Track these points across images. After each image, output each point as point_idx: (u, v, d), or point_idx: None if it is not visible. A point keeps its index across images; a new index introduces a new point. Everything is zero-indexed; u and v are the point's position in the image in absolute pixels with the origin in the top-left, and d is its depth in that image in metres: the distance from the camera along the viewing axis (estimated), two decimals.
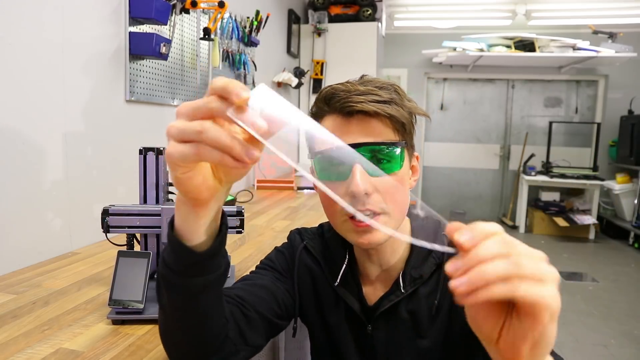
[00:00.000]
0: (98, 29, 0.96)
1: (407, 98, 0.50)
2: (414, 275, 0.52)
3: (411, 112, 0.50)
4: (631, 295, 2.48)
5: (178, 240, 0.35)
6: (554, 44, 3.46)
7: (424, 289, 0.52)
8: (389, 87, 0.49)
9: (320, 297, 0.58)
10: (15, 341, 0.52)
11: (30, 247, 0.81)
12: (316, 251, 0.58)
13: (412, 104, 0.51)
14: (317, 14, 2.74)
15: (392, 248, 0.53)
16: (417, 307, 0.52)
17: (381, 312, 0.53)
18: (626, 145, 3.63)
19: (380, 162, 0.46)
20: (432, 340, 0.52)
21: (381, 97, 0.46)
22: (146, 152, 0.64)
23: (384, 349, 0.54)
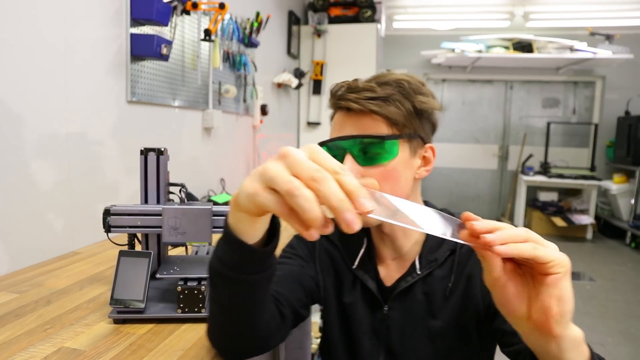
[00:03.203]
0: (99, 31, 0.96)
1: (419, 92, 0.53)
2: (430, 259, 0.56)
3: (416, 107, 0.53)
4: (628, 294, 2.49)
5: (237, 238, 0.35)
6: (552, 45, 3.48)
7: (439, 271, 0.56)
8: (393, 83, 0.53)
9: (339, 279, 0.61)
10: (17, 340, 0.53)
11: (32, 246, 0.81)
12: (334, 236, 0.62)
13: (421, 99, 0.53)
14: (317, 15, 2.74)
15: (404, 232, 0.56)
16: (432, 289, 0.55)
17: (397, 293, 0.56)
18: (623, 146, 3.65)
19: (371, 154, 0.51)
20: (445, 321, 0.55)
21: (376, 94, 0.51)
22: (147, 152, 0.64)
23: (398, 328, 0.57)
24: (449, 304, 0.55)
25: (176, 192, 0.67)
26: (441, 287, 0.55)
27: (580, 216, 3.68)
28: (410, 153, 0.54)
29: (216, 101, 1.57)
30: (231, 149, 1.75)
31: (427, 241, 0.57)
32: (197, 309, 0.57)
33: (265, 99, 2.10)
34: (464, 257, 0.56)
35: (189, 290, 0.57)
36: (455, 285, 0.55)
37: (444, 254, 0.56)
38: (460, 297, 0.54)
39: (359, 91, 0.51)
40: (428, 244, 0.57)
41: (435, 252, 0.56)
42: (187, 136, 1.39)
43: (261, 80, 2.05)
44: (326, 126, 2.83)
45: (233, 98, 1.72)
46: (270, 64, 2.22)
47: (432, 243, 0.57)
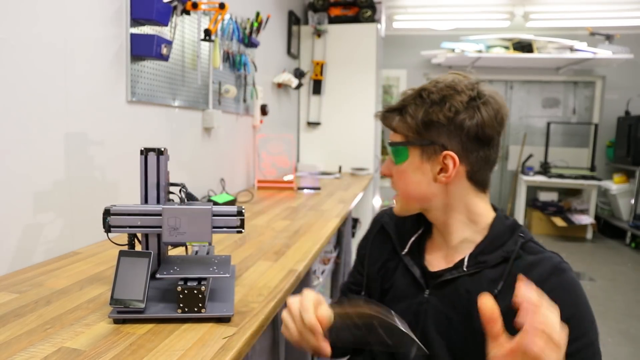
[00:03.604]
0: (99, 31, 0.96)
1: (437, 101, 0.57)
2: (480, 260, 0.58)
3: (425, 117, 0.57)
4: (628, 294, 2.49)
5: None
6: (552, 45, 3.48)
7: (489, 273, 0.57)
8: (415, 93, 0.59)
9: (384, 266, 0.68)
10: (17, 340, 0.53)
11: (32, 246, 0.81)
12: (389, 227, 0.70)
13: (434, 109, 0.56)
14: (317, 15, 2.74)
15: (450, 225, 0.61)
16: (476, 289, 0.55)
17: (440, 282, 0.59)
18: (623, 146, 3.65)
19: (394, 156, 0.62)
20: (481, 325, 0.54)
21: (392, 106, 0.61)
22: (147, 152, 0.64)
23: (435, 315, 0.59)
24: None
25: (176, 192, 0.67)
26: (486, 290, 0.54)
27: (580, 216, 3.68)
28: (422, 159, 0.59)
29: (216, 101, 1.57)
30: (231, 149, 1.75)
31: (481, 244, 0.58)
32: (197, 309, 0.57)
33: (265, 99, 2.10)
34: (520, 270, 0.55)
35: (189, 290, 0.57)
36: (503, 295, 0.54)
37: (495, 259, 0.57)
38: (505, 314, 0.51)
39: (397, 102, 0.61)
40: (482, 246, 0.58)
41: (487, 255, 0.57)
42: (187, 136, 1.39)
43: (261, 80, 2.05)
44: (326, 126, 2.83)
45: (233, 98, 1.72)
46: (270, 64, 2.22)
47: (486, 246, 0.58)
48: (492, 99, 0.57)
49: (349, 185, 2.10)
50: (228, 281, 0.68)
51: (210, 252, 0.76)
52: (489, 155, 0.59)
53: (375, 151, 2.91)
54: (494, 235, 0.58)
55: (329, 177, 2.41)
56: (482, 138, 0.57)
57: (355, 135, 2.78)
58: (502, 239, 0.58)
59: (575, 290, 0.53)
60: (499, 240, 0.58)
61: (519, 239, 0.57)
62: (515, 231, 0.58)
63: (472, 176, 0.59)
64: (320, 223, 1.23)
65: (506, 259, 0.56)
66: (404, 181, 0.61)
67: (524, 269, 0.55)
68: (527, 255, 0.56)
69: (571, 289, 0.53)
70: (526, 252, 0.57)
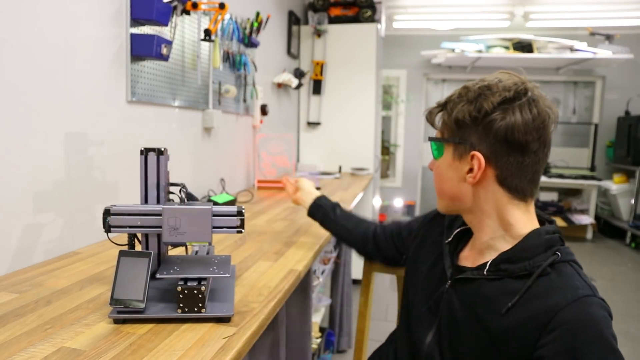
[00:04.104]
0: (99, 31, 0.96)
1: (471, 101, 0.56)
2: (501, 267, 0.55)
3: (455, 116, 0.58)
4: (628, 294, 2.49)
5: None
6: (552, 45, 3.48)
7: (510, 283, 0.53)
8: (461, 89, 0.59)
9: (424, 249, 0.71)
10: (17, 340, 0.53)
11: (32, 246, 0.81)
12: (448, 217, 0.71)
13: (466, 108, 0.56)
14: (316, 15, 2.74)
15: (480, 229, 0.60)
16: (493, 296, 0.54)
17: (462, 279, 0.60)
18: (623, 146, 3.65)
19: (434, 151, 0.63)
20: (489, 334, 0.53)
21: (437, 103, 0.62)
22: (147, 152, 0.64)
23: (452, 308, 0.59)
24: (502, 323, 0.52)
25: (176, 192, 0.67)
26: (501, 302, 0.53)
27: (580, 216, 3.68)
28: (454, 157, 0.59)
29: (216, 101, 1.57)
30: (231, 149, 1.75)
31: (507, 252, 0.55)
32: (197, 309, 0.57)
33: (265, 99, 2.10)
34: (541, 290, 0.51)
35: (189, 290, 0.57)
36: (516, 309, 0.51)
37: (519, 270, 0.53)
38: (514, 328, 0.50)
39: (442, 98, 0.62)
40: (507, 254, 0.55)
41: (510, 264, 0.54)
42: (187, 136, 1.39)
43: (261, 80, 2.05)
44: (326, 126, 2.83)
45: (233, 98, 1.72)
46: (270, 64, 2.22)
47: (512, 255, 0.54)
48: (533, 102, 0.54)
49: (349, 185, 2.10)
50: (228, 281, 0.68)
51: (210, 252, 0.76)
52: (522, 161, 0.54)
53: (375, 151, 2.91)
54: (524, 246, 0.54)
55: (329, 177, 2.41)
56: (513, 142, 0.53)
57: (355, 135, 2.78)
58: (533, 251, 0.53)
59: (594, 328, 0.46)
60: (527, 252, 0.54)
61: (552, 257, 0.52)
62: (552, 248, 0.54)
63: (503, 181, 0.55)
64: None
65: (529, 273, 0.52)
66: (438, 177, 0.63)
67: (545, 291, 0.50)
68: (555, 277, 0.51)
69: (587, 325, 0.47)
70: (556, 272, 0.52)
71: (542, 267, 0.52)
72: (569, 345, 0.46)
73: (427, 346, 0.61)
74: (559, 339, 0.47)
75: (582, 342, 0.46)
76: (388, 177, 4.32)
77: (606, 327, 0.47)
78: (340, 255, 1.67)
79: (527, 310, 0.50)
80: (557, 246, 0.54)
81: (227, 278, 0.68)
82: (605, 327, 0.47)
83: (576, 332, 0.46)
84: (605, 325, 0.47)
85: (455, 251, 0.65)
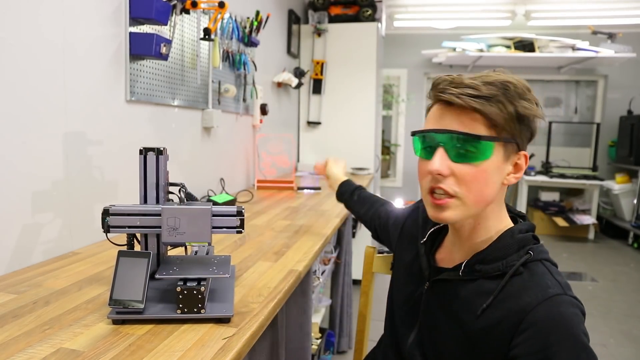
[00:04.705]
0: (98, 30, 0.96)
1: (523, 97, 0.52)
2: (476, 268, 0.55)
3: (518, 112, 0.51)
4: (630, 295, 2.48)
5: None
6: (554, 44, 3.47)
7: (485, 284, 0.53)
8: (499, 84, 0.51)
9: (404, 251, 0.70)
10: (16, 341, 0.53)
11: (30, 247, 0.81)
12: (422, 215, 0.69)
13: (524, 104, 0.52)
14: (317, 14, 2.74)
15: (469, 233, 0.57)
16: (468, 296, 0.55)
17: (439, 280, 0.59)
18: (625, 145, 3.64)
19: (465, 151, 0.51)
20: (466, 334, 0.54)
21: (479, 92, 0.50)
22: (146, 152, 0.64)
23: (430, 309, 0.59)
24: (477, 324, 0.52)
25: (176, 192, 0.66)
26: (476, 303, 0.53)
27: (582, 216, 3.67)
28: (504, 158, 0.53)
29: (216, 101, 1.57)
30: (231, 149, 1.74)
31: (482, 252, 0.55)
32: (196, 310, 0.57)
33: (265, 98, 2.10)
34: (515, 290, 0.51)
35: (188, 291, 0.56)
36: (491, 309, 0.51)
37: (492, 271, 0.53)
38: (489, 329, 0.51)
39: (463, 87, 0.51)
40: (482, 255, 0.55)
41: (484, 265, 0.54)
42: (187, 136, 1.39)
43: (261, 79, 2.04)
44: (326, 126, 2.82)
45: (233, 97, 1.71)
46: (270, 63, 2.21)
47: (486, 255, 0.54)
48: None
49: None
50: (228, 281, 0.68)
51: (209, 252, 0.75)
52: None
53: (376, 151, 2.91)
54: (498, 246, 0.54)
55: None
56: (533, 136, 0.55)
57: (356, 135, 2.77)
58: (505, 251, 0.53)
59: (564, 327, 0.46)
60: (500, 252, 0.54)
61: (524, 256, 0.52)
62: (524, 247, 0.54)
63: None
64: (320, 223, 1.23)
65: (502, 273, 0.52)
66: (482, 183, 0.52)
67: (518, 290, 0.50)
68: (528, 276, 0.51)
69: (557, 325, 0.46)
70: (529, 272, 0.52)
71: (515, 267, 0.52)
72: (540, 344, 0.46)
73: (409, 346, 0.62)
74: (531, 339, 0.47)
75: (553, 341, 0.46)
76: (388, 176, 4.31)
77: (577, 325, 0.47)
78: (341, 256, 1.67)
79: (500, 310, 0.51)
80: (530, 245, 0.54)
81: (226, 278, 0.67)
82: (576, 325, 0.47)
83: (547, 331, 0.46)
84: (576, 323, 0.47)
85: (432, 251, 0.64)
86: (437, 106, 0.55)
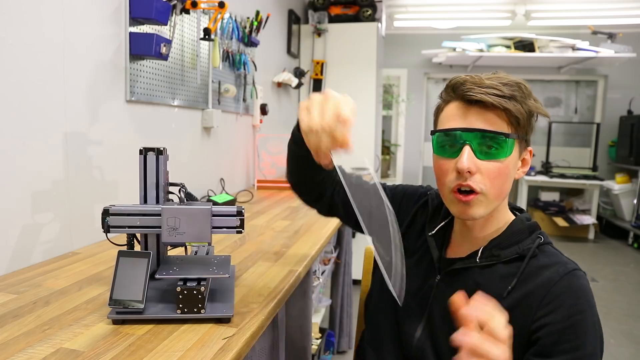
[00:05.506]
0: (98, 30, 0.96)
1: (531, 97, 0.56)
2: (494, 253, 0.58)
3: (531, 110, 0.56)
4: (630, 295, 2.48)
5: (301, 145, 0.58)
6: (554, 44, 3.47)
7: (501, 269, 0.57)
8: (514, 84, 0.55)
9: (410, 242, 0.67)
10: (16, 341, 0.53)
11: (30, 247, 0.81)
12: (431, 205, 0.68)
13: (534, 104, 0.56)
14: (317, 14, 2.74)
15: (481, 226, 0.59)
16: (487, 283, 0.57)
17: (451, 270, 0.60)
18: (625, 146, 3.64)
19: (490, 148, 0.54)
20: None
21: (502, 92, 0.54)
22: (146, 152, 0.64)
23: (442, 301, 0.58)
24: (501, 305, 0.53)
25: (175, 192, 0.66)
26: (498, 286, 0.55)
27: (582, 216, 3.67)
28: (519, 153, 0.57)
29: (216, 101, 1.57)
30: (231, 149, 1.74)
31: (495, 238, 0.59)
32: (196, 310, 0.57)
33: (265, 98, 2.10)
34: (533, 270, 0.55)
35: (188, 291, 0.56)
36: (515, 292, 0.54)
37: (509, 255, 0.57)
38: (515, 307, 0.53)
39: (486, 87, 0.54)
40: (498, 240, 0.58)
41: (501, 250, 0.57)
42: (187, 136, 1.39)
43: (261, 79, 2.04)
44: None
45: (233, 97, 1.71)
46: (270, 63, 2.21)
47: (499, 241, 0.58)
48: None
49: None
50: (228, 281, 0.68)
51: (209, 252, 0.75)
52: None
53: (376, 151, 2.90)
54: (512, 231, 0.59)
55: None
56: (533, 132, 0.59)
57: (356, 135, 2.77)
58: (520, 236, 0.58)
59: (585, 297, 0.52)
60: (515, 237, 0.58)
61: (537, 239, 0.57)
62: (535, 232, 0.59)
63: None
64: (320, 223, 1.23)
65: (521, 256, 0.56)
66: (503, 179, 0.55)
67: (537, 269, 0.55)
68: (542, 257, 0.56)
69: (581, 296, 0.52)
70: (543, 253, 0.57)
71: (533, 248, 0.56)
72: (567, 312, 0.51)
73: (417, 340, 0.61)
74: (559, 307, 0.51)
75: (579, 309, 0.51)
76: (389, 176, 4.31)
77: (593, 297, 0.53)
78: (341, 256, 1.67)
79: (522, 290, 0.54)
80: (539, 230, 0.59)
81: (226, 278, 0.67)
82: (592, 297, 0.53)
83: (573, 301, 0.51)
84: (592, 296, 0.53)
85: (443, 244, 0.64)
86: (456, 105, 0.57)
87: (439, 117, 0.60)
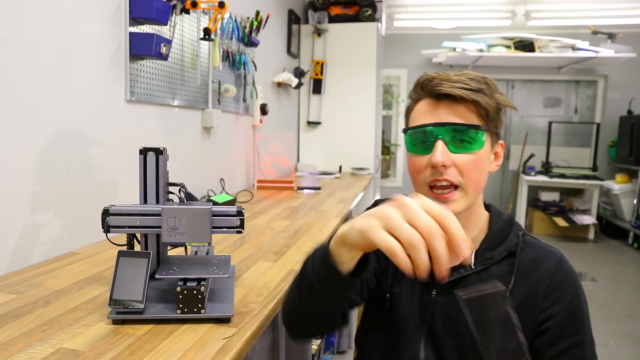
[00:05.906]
0: (98, 30, 0.96)
1: (497, 91, 0.57)
2: (486, 256, 0.58)
3: (499, 103, 0.57)
4: (630, 295, 2.48)
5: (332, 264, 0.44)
6: (554, 44, 3.47)
7: (496, 269, 0.57)
8: (481, 79, 0.56)
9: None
10: (15, 341, 0.52)
11: (30, 247, 0.81)
12: None
13: (501, 97, 0.57)
14: (317, 14, 2.74)
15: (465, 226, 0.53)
16: None
17: (448, 282, 0.58)
18: (625, 145, 3.64)
19: (462, 142, 0.54)
20: None
21: (469, 86, 0.54)
22: (146, 152, 0.64)
23: (443, 314, 0.58)
24: None
25: (175, 192, 0.66)
26: None
27: (582, 216, 3.67)
28: (491, 146, 0.58)
29: (216, 100, 1.57)
30: (231, 149, 1.74)
31: (485, 240, 0.59)
32: (196, 310, 0.57)
33: (265, 98, 2.10)
34: (526, 264, 0.57)
35: (188, 291, 0.56)
36: (515, 288, 0.56)
37: (500, 254, 0.58)
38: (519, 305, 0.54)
39: (454, 82, 0.54)
40: (485, 243, 0.59)
41: (492, 251, 0.58)
42: (187, 136, 1.39)
43: (261, 79, 2.04)
44: (326, 126, 2.82)
45: (233, 97, 1.71)
46: (270, 63, 2.21)
47: (489, 242, 0.59)
48: None
49: (349, 185, 2.10)
50: (228, 281, 0.68)
51: (209, 252, 0.75)
52: None
53: (376, 151, 2.91)
54: (495, 230, 0.59)
55: (329, 177, 2.40)
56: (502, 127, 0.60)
57: (356, 135, 2.77)
58: (503, 233, 0.59)
59: (577, 280, 0.57)
60: (500, 236, 0.59)
61: (519, 232, 0.59)
62: (514, 225, 0.60)
63: None
64: (320, 223, 1.23)
65: (511, 253, 0.58)
66: (479, 170, 0.55)
67: (530, 264, 0.57)
68: (528, 249, 0.58)
69: (574, 281, 0.56)
70: (526, 245, 0.59)
71: (520, 243, 0.58)
72: (568, 298, 0.55)
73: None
74: (563, 295, 0.55)
75: (575, 295, 0.56)
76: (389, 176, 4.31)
77: (578, 276, 0.58)
78: None
79: (523, 285, 0.56)
80: (515, 222, 0.61)
81: (226, 278, 0.67)
82: (577, 276, 0.58)
83: (570, 286, 0.56)
84: (577, 275, 0.58)
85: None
86: (425, 102, 0.57)
87: (409, 116, 0.60)
